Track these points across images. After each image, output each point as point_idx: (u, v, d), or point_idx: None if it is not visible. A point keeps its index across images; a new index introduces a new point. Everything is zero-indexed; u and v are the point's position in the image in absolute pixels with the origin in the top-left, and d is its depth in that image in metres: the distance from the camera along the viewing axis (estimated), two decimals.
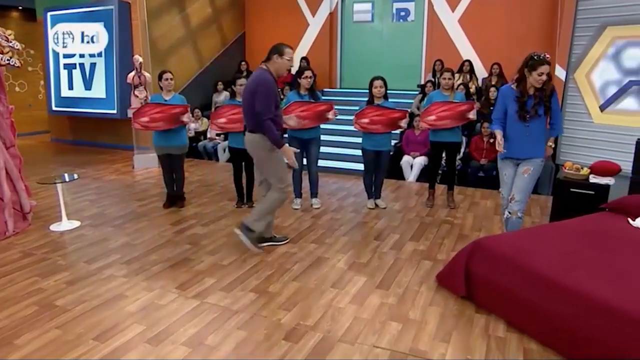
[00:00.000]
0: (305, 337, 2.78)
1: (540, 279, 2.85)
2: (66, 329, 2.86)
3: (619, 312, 2.44)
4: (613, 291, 2.59)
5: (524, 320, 2.89)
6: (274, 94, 3.89)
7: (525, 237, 3.41)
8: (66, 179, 4.92)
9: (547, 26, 8.14)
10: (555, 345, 2.71)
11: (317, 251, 4.09)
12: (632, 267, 2.90)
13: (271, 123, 3.79)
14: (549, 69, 3.71)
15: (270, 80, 3.88)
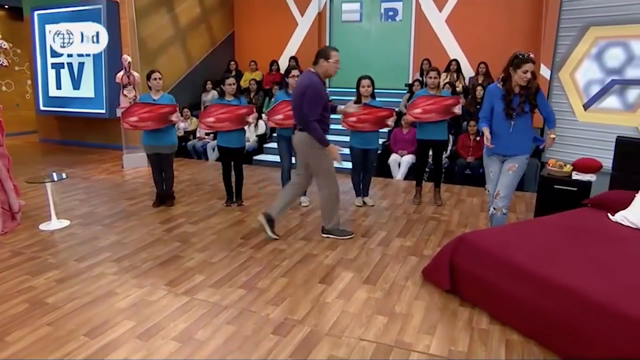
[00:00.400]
0: (293, 331, 2.84)
1: (522, 272, 2.94)
2: (57, 325, 2.89)
3: (597, 303, 2.53)
4: (591, 283, 2.68)
5: (506, 312, 2.98)
6: (321, 96, 4.07)
7: (508, 232, 3.50)
8: (55, 179, 4.92)
9: (532, 26, 8.28)
10: (536, 336, 2.80)
11: (305, 248, 4.15)
12: (610, 260, 3.00)
13: (316, 124, 4.02)
14: (533, 67, 3.80)
15: (318, 83, 4.06)
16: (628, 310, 2.41)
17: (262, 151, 8.32)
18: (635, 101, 6.62)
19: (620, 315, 2.41)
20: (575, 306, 2.61)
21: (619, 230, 3.57)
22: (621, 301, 2.48)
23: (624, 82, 6.73)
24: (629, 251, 3.15)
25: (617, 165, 4.52)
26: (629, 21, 6.52)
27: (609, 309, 2.47)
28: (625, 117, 6.73)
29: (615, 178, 4.53)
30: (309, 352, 2.64)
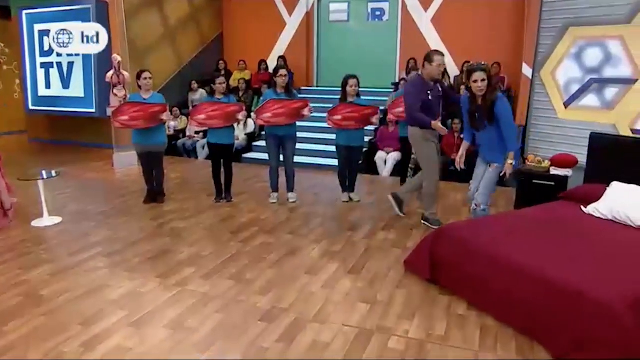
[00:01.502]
0: (279, 319, 2.98)
1: (497, 261, 3.11)
2: (52, 316, 3.01)
3: (565, 288, 2.70)
4: (560, 270, 2.85)
5: (482, 299, 3.14)
6: (419, 92, 4.53)
7: (485, 224, 3.68)
8: (45, 176, 5.01)
9: (515, 26, 8.46)
10: (510, 321, 2.96)
11: (292, 241, 4.30)
12: (580, 248, 3.18)
13: (417, 113, 4.49)
14: (484, 75, 3.77)
15: (417, 83, 4.62)
16: (591, 293, 2.58)
17: (251, 149, 8.43)
18: (613, 99, 6.81)
19: (585, 299, 2.58)
20: (545, 291, 2.78)
21: (591, 221, 3.75)
22: (586, 286, 2.64)
23: (601, 81, 6.93)
24: (598, 240, 3.33)
25: (590, 160, 4.70)
26: (605, 22, 6.73)
27: (575, 293, 2.64)
28: (603, 114, 6.92)
29: (589, 172, 4.71)
30: (294, 338, 2.78)
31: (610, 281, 2.66)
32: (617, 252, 3.12)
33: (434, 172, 4.75)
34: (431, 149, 4.67)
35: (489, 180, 4.15)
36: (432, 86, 4.57)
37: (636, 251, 3.12)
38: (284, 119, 5.23)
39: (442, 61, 4.48)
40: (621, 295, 2.52)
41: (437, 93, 4.64)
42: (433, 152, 4.69)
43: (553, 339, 2.69)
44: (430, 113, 4.51)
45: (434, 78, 4.54)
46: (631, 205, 3.62)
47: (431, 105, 4.53)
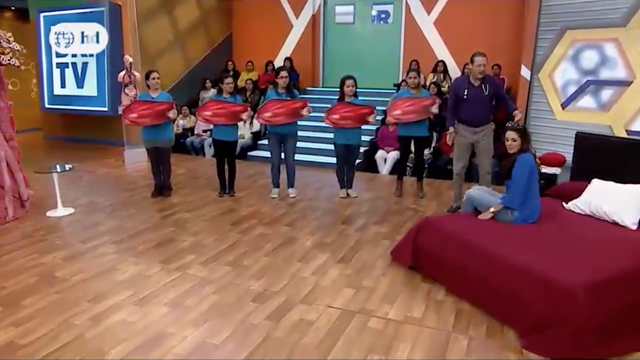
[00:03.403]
0: (270, 300, 3.26)
1: (473, 250, 3.35)
2: (65, 293, 3.32)
3: (534, 274, 2.93)
4: (532, 259, 3.07)
5: (459, 285, 3.38)
6: (455, 91, 5.06)
7: (468, 217, 3.91)
8: (59, 170, 5.34)
9: (514, 29, 8.64)
10: (483, 305, 3.19)
11: (288, 233, 4.57)
12: (554, 240, 3.41)
13: (449, 111, 5.11)
14: (514, 135, 3.82)
15: (456, 82, 5.34)
16: (554, 278, 2.81)
17: (256, 147, 8.72)
18: (609, 100, 6.98)
19: (548, 283, 2.81)
20: (514, 277, 3.01)
21: (569, 215, 3.97)
22: (551, 272, 2.87)
23: (598, 83, 7.10)
24: (572, 233, 3.55)
25: (576, 159, 4.90)
26: (601, 25, 6.89)
27: (540, 279, 2.87)
28: (600, 115, 7.09)
29: (575, 170, 4.91)
30: (282, 316, 3.05)
31: (573, 268, 2.89)
32: (587, 243, 3.34)
33: (454, 165, 5.20)
34: (458, 143, 5.09)
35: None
36: (475, 85, 4.90)
37: (605, 242, 3.34)
38: (283, 118, 5.50)
39: (481, 61, 4.82)
40: (580, 280, 2.75)
41: (478, 92, 4.90)
42: (458, 148, 5.10)
43: (520, 320, 2.91)
44: (469, 109, 4.92)
45: (475, 76, 4.87)
46: (607, 201, 3.82)
47: (469, 102, 4.90)
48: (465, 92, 4.93)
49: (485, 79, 4.93)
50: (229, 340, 2.78)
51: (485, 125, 5.03)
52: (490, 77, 5.12)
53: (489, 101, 5.00)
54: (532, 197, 3.73)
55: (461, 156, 5.18)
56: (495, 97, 5.03)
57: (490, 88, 4.93)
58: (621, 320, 2.79)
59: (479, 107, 4.93)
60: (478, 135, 5.00)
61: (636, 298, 2.88)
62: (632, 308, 2.85)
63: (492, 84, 4.98)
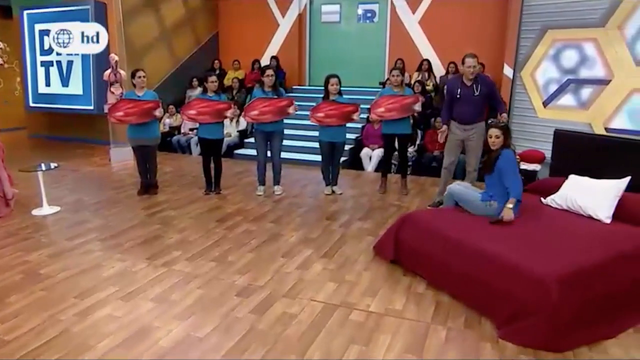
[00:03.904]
0: (254, 294, 3.32)
1: (452, 244, 3.44)
2: (50, 290, 3.35)
3: (511, 265, 3.03)
4: (510, 251, 3.18)
5: (438, 277, 3.48)
6: (449, 90, 5.26)
7: (448, 212, 4.01)
8: (44, 168, 5.34)
9: (498, 28, 8.77)
10: (462, 296, 3.29)
11: (273, 229, 4.64)
12: (528, 233, 3.51)
13: (443, 109, 5.33)
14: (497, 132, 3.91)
15: (450, 82, 5.45)
16: (527, 270, 2.91)
17: (243, 146, 8.76)
18: (588, 99, 7.14)
19: (522, 275, 2.91)
20: (491, 270, 3.11)
21: (546, 210, 4.09)
22: (525, 264, 2.98)
23: (578, 82, 7.26)
24: (548, 226, 3.66)
25: (555, 155, 5.02)
26: (581, 25, 7.05)
27: (515, 271, 2.97)
28: (580, 113, 7.25)
29: (554, 167, 5.03)
30: (266, 310, 3.12)
31: (546, 260, 2.99)
32: (562, 236, 3.45)
33: (444, 159, 5.37)
34: (450, 140, 5.27)
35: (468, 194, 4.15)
36: (467, 85, 5.03)
37: (579, 235, 3.45)
38: (270, 116, 5.55)
39: (471, 63, 4.95)
40: (552, 271, 2.85)
41: (469, 91, 5.03)
42: (449, 143, 5.29)
43: (496, 311, 3.01)
44: (461, 108, 5.09)
45: (467, 77, 5.02)
46: (582, 196, 3.94)
47: (461, 101, 5.07)
48: (459, 91, 5.08)
49: (477, 79, 5.06)
50: (213, 333, 2.84)
51: (476, 124, 5.16)
52: (483, 77, 5.24)
53: (480, 101, 5.11)
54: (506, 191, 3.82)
55: (451, 152, 5.33)
56: (487, 97, 5.15)
57: (482, 88, 5.05)
58: (593, 310, 2.90)
59: (469, 107, 5.07)
60: (468, 132, 5.14)
61: (607, 289, 3.00)
62: (603, 298, 2.97)
63: (484, 84, 5.10)
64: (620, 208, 3.75)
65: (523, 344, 2.77)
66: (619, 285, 3.08)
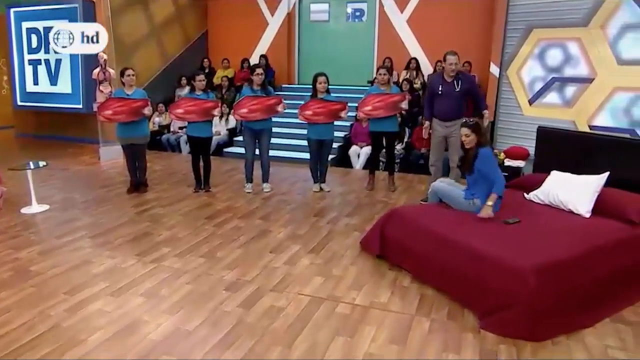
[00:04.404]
0: (242, 288, 3.39)
1: (436, 238, 3.53)
2: (40, 287, 3.39)
3: (490, 258, 3.12)
4: (490, 244, 3.27)
5: (423, 272, 3.57)
6: (431, 87, 5.43)
7: (432, 207, 4.10)
8: (33, 167, 5.36)
9: (484, 28, 8.89)
10: (445, 289, 3.38)
11: (262, 226, 4.70)
12: (514, 227, 3.60)
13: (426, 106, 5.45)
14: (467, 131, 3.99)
15: (433, 79, 5.71)
16: (507, 262, 3.01)
17: (232, 144, 8.79)
18: (572, 97, 7.27)
19: (502, 266, 3.01)
20: (473, 262, 3.20)
21: (528, 205, 4.19)
22: (505, 256, 3.07)
23: (562, 80, 7.38)
24: (531, 221, 3.75)
25: (538, 152, 5.13)
26: (565, 25, 7.17)
27: (495, 262, 3.07)
28: (564, 111, 7.38)
29: (537, 163, 5.14)
30: (254, 303, 3.18)
31: (525, 252, 3.10)
32: (542, 230, 3.55)
33: (430, 157, 5.55)
34: (434, 138, 5.43)
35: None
36: (448, 82, 5.18)
37: (559, 229, 3.55)
38: (259, 114, 5.61)
39: (452, 60, 5.09)
40: (530, 263, 2.95)
41: (450, 88, 5.17)
42: (433, 140, 5.45)
43: (478, 303, 3.11)
44: (442, 105, 5.23)
45: (449, 75, 5.16)
46: (563, 191, 4.05)
47: (442, 98, 5.22)
48: (440, 87, 5.23)
49: (458, 76, 5.18)
50: (202, 327, 2.90)
51: (457, 120, 5.22)
52: (464, 75, 5.38)
53: (460, 97, 5.25)
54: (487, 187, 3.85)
55: (435, 149, 5.48)
56: (468, 93, 5.28)
57: (463, 85, 5.18)
58: (570, 300, 3.00)
59: (450, 103, 5.20)
60: (450, 129, 5.27)
61: (585, 280, 3.11)
62: (581, 289, 3.07)
63: (464, 81, 5.23)
64: (599, 203, 3.85)
65: (503, 333, 2.86)
66: (596, 276, 3.18)
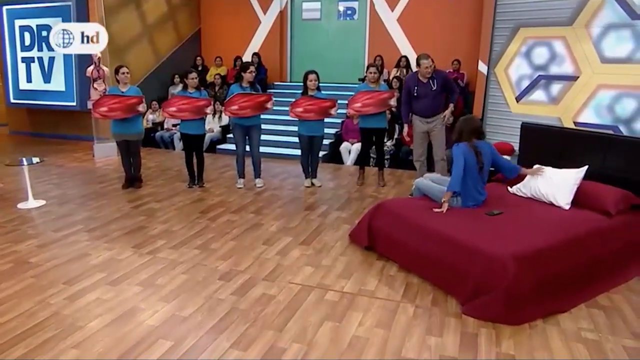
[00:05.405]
0: (235, 278, 3.52)
1: (422, 229, 3.68)
2: (40, 277, 3.50)
3: (471, 247, 3.28)
4: (471, 234, 3.43)
5: (409, 261, 3.72)
6: (407, 87, 5.66)
7: (417, 201, 4.25)
8: (30, 162, 5.46)
9: (473, 26, 9.05)
10: (430, 277, 3.53)
11: (254, 219, 4.84)
12: (496, 219, 3.76)
13: (403, 105, 5.73)
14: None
15: (407, 80, 5.84)
16: (487, 250, 3.16)
17: (225, 141, 8.91)
18: (558, 94, 7.45)
19: (482, 254, 3.16)
20: (455, 251, 3.35)
21: (512, 198, 4.36)
22: (485, 245, 3.23)
23: (548, 78, 7.56)
24: (513, 213, 3.91)
25: (522, 147, 5.30)
26: (551, 23, 7.35)
27: (476, 251, 3.22)
28: (550, 108, 7.56)
29: (521, 158, 5.30)
30: (246, 292, 3.32)
31: (505, 241, 3.25)
32: (523, 221, 3.71)
33: (414, 153, 5.81)
34: (416, 134, 5.69)
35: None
36: (424, 82, 5.48)
37: (539, 220, 3.71)
38: (249, 111, 5.74)
39: (427, 64, 5.39)
40: (510, 250, 3.11)
41: (427, 88, 5.49)
42: (415, 137, 5.71)
43: (460, 290, 3.26)
44: (420, 103, 5.52)
45: (424, 75, 5.46)
46: (544, 183, 4.21)
47: (419, 98, 5.51)
48: (415, 89, 5.52)
49: (433, 75, 5.47)
50: (197, 313, 3.03)
51: (437, 116, 5.63)
52: (439, 72, 5.63)
53: (439, 94, 5.58)
54: (466, 183, 3.96)
55: (418, 144, 5.73)
56: (444, 89, 5.59)
57: (439, 82, 5.50)
58: (548, 286, 3.16)
59: (429, 101, 5.54)
60: (431, 124, 5.59)
61: (562, 267, 3.27)
62: (558, 276, 3.23)
63: (440, 79, 5.52)
64: (578, 195, 4.02)
65: (483, 317, 3.01)
66: (573, 265, 3.34)
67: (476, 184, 4.05)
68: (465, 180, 3.97)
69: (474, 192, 4.03)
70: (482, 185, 4.12)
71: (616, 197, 3.85)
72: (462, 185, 3.98)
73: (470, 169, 3.95)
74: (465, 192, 4.00)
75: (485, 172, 4.10)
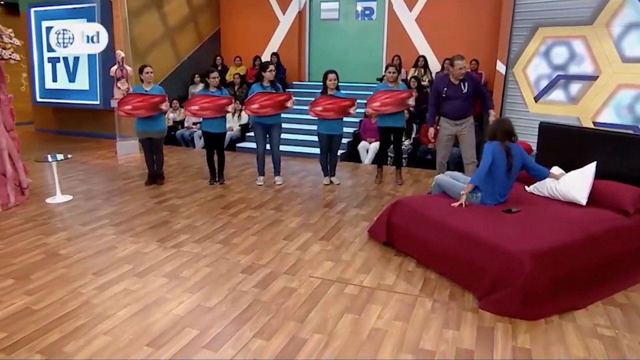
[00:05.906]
0: (257, 271, 3.63)
1: (440, 226, 3.74)
2: (70, 268, 3.66)
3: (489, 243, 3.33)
4: (487, 231, 3.48)
5: (427, 257, 3.78)
6: (435, 89, 5.61)
7: (435, 197, 4.30)
8: (58, 158, 5.65)
9: (491, 26, 9.05)
10: (447, 273, 3.60)
11: (274, 215, 4.94)
12: (513, 217, 3.79)
13: (429, 106, 5.69)
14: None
15: (437, 81, 5.89)
16: (505, 247, 3.21)
17: (244, 139, 9.05)
18: (577, 94, 7.42)
19: (499, 251, 3.22)
20: (473, 248, 3.41)
21: (528, 197, 4.38)
22: (503, 242, 3.28)
23: (567, 77, 7.54)
24: (528, 211, 3.94)
25: (540, 147, 5.32)
26: (570, 23, 7.33)
27: (497, 247, 3.27)
28: (569, 108, 7.54)
29: (539, 158, 5.32)
30: (268, 284, 3.43)
31: (522, 239, 3.30)
32: (540, 219, 3.74)
33: (437, 155, 5.75)
34: (441, 136, 5.60)
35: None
36: (454, 84, 5.39)
37: (556, 218, 3.74)
38: (270, 109, 5.85)
39: (461, 65, 5.30)
40: (527, 248, 3.15)
41: (458, 90, 5.39)
42: (441, 140, 5.62)
43: (477, 285, 3.31)
44: (449, 105, 5.43)
45: (456, 77, 5.37)
46: (561, 182, 4.23)
47: (449, 99, 5.42)
48: (445, 90, 5.44)
49: (464, 77, 5.40)
50: (221, 304, 3.14)
51: (467, 118, 5.53)
52: (469, 75, 5.57)
53: (469, 97, 5.48)
54: (491, 182, 3.99)
55: (443, 147, 5.68)
56: (475, 93, 5.52)
57: (470, 85, 5.42)
58: (564, 283, 3.20)
59: (459, 103, 5.43)
60: (460, 127, 5.50)
61: (578, 265, 3.30)
62: (575, 273, 3.27)
63: (471, 81, 5.45)
64: (596, 194, 4.02)
65: (500, 312, 3.07)
66: (589, 262, 3.37)
67: (500, 186, 4.04)
68: (490, 179, 4.00)
69: (496, 194, 4.05)
70: (505, 190, 4.11)
71: (634, 196, 3.86)
72: (485, 184, 4.01)
73: (498, 169, 3.96)
74: (487, 191, 4.03)
75: (513, 175, 4.08)
